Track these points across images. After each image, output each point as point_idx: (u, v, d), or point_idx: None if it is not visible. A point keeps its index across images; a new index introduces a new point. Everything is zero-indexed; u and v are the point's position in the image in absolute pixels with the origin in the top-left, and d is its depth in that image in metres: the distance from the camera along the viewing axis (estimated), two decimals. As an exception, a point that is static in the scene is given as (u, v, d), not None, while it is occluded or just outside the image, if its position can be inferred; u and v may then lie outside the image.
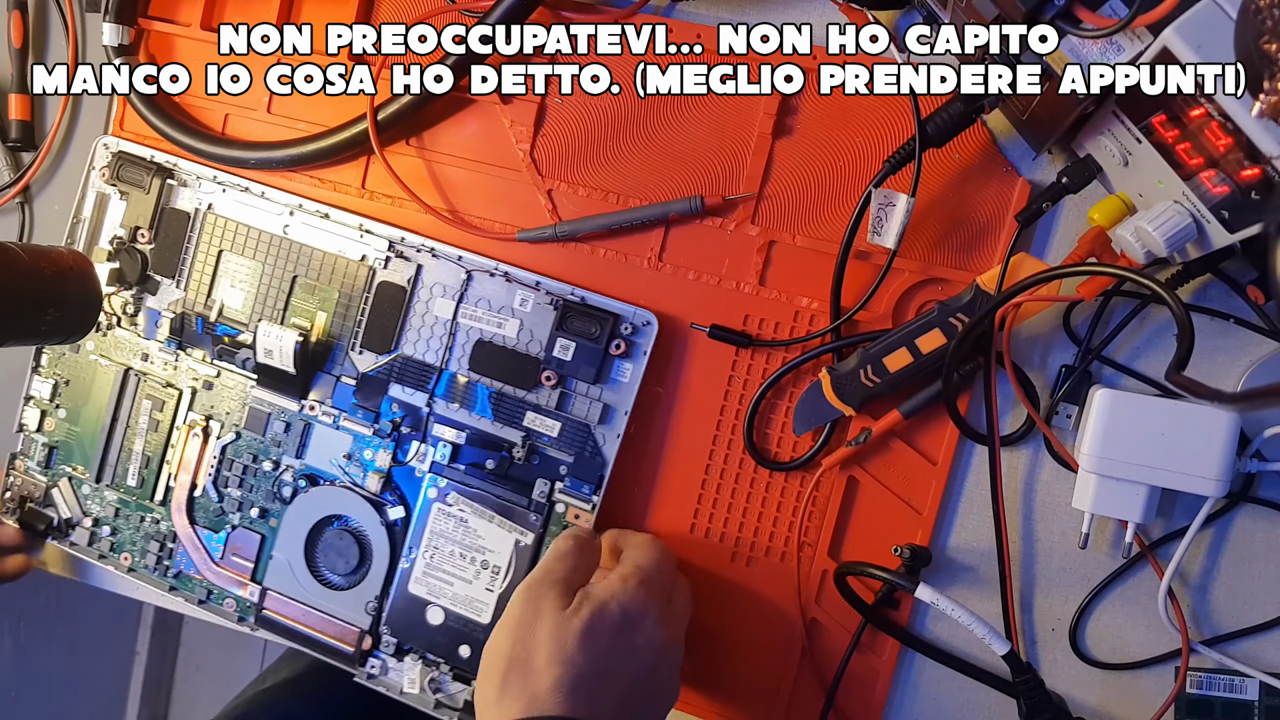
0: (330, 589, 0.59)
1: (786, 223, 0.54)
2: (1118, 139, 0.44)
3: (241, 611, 0.60)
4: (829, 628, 0.54)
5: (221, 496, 0.60)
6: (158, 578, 0.62)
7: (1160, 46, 0.38)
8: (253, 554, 0.60)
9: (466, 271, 0.56)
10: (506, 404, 0.56)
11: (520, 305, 0.55)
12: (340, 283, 0.58)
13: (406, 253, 0.57)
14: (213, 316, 0.60)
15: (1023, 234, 0.51)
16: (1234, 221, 0.41)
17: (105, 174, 0.60)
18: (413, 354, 0.57)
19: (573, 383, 0.55)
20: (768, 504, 0.55)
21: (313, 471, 0.59)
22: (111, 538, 0.62)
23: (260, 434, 0.59)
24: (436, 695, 0.57)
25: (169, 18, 0.61)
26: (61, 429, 0.63)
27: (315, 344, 0.58)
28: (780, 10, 0.54)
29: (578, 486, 0.55)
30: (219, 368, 0.60)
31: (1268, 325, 0.49)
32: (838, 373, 0.51)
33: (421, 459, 0.57)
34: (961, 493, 0.53)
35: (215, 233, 0.59)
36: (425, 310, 0.57)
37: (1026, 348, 0.52)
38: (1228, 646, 0.51)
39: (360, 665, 0.58)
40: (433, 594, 0.56)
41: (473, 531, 0.56)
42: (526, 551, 0.55)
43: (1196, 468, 0.46)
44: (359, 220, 0.57)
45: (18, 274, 0.55)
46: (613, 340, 0.54)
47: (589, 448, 0.55)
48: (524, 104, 0.56)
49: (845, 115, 0.53)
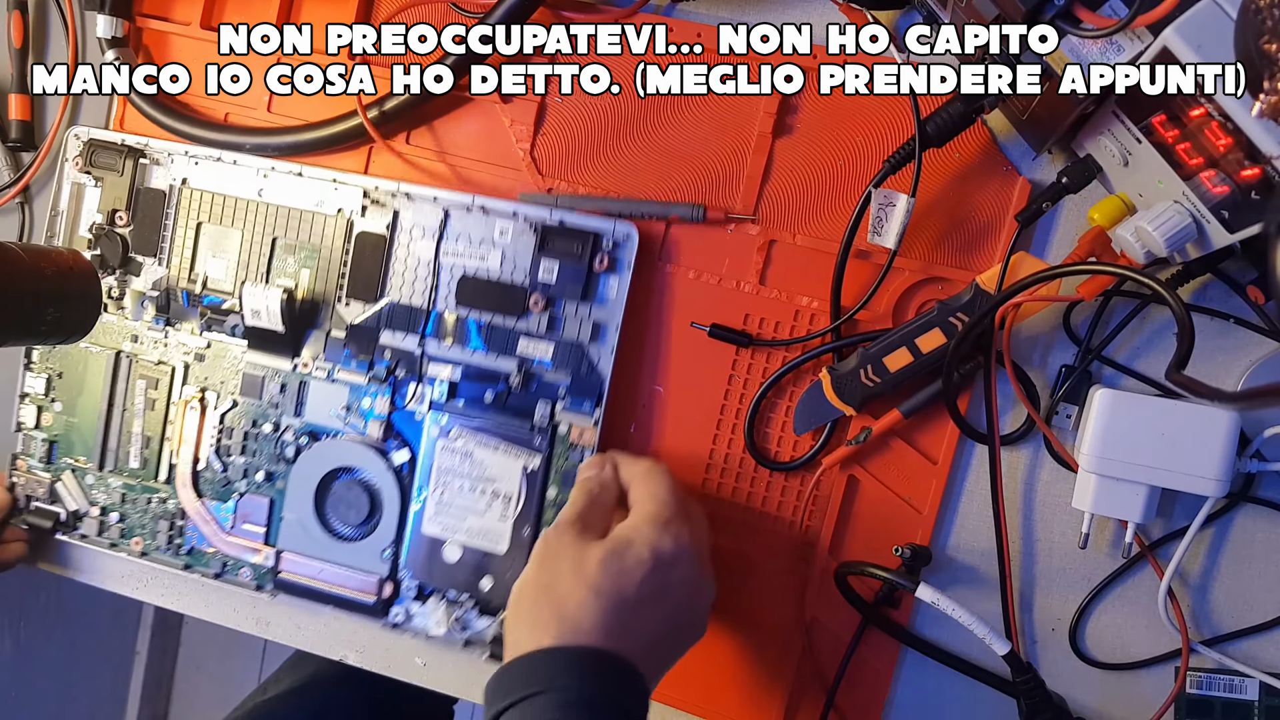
0: (345, 542, 0.59)
1: (787, 222, 0.54)
2: (1118, 139, 0.44)
3: (259, 579, 0.60)
4: (829, 627, 0.54)
5: (225, 466, 0.60)
6: (171, 557, 0.61)
7: (1160, 46, 0.38)
8: (263, 519, 0.60)
9: (443, 210, 0.56)
10: (498, 334, 0.56)
11: (500, 236, 0.55)
12: (320, 238, 0.58)
13: (381, 199, 0.57)
14: (198, 289, 0.60)
15: (1023, 234, 0.51)
16: (1234, 221, 0.41)
17: (79, 163, 0.61)
18: (399, 299, 0.57)
19: (561, 304, 0.55)
20: (768, 503, 0.55)
21: (313, 428, 0.59)
22: (120, 524, 0.62)
23: (257, 398, 0.60)
24: (464, 633, 0.57)
25: (167, 16, 0.61)
26: (59, 422, 0.63)
27: (302, 301, 0.58)
28: (780, 10, 0.54)
29: (578, 404, 0.55)
30: (209, 338, 0.60)
31: (1268, 325, 0.49)
32: (838, 372, 0.51)
33: (420, 400, 0.57)
34: (961, 492, 0.53)
35: (192, 206, 0.60)
36: (406, 254, 0.57)
37: (1026, 348, 0.52)
38: (1228, 646, 0.51)
39: (384, 614, 0.58)
40: (448, 531, 0.56)
41: (479, 464, 0.56)
42: (536, 476, 0.55)
43: (1196, 468, 0.46)
44: (332, 174, 0.57)
45: (18, 274, 0.55)
46: (595, 256, 0.54)
47: (584, 366, 0.55)
48: (524, 103, 0.56)
49: (845, 115, 0.53)
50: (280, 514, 0.60)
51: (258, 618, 0.62)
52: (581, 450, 0.55)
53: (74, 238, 0.62)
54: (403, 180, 0.57)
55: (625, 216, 0.55)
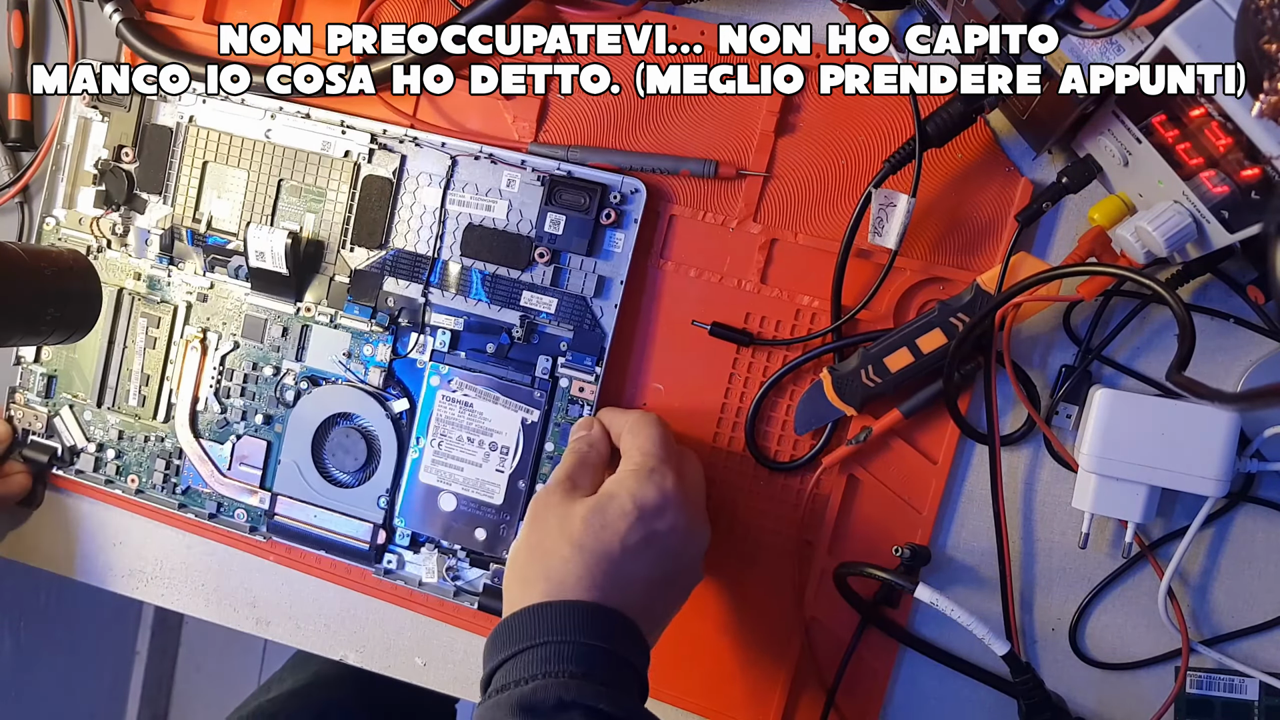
0: (340, 488, 0.59)
1: (788, 221, 0.54)
2: (1118, 139, 0.44)
3: (253, 520, 0.60)
4: (829, 627, 0.54)
5: (225, 407, 0.60)
6: (166, 496, 0.62)
7: (1160, 46, 0.38)
8: (260, 461, 0.60)
9: (451, 157, 0.56)
10: (502, 286, 0.56)
11: (507, 186, 0.55)
12: (326, 181, 0.58)
13: (389, 144, 0.57)
14: (202, 229, 0.60)
15: (1024, 234, 0.51)
16: (1234, 221, 0.41)
17: (85, 97, 0.60)
18: (404, 246, 0.57)
19: (566, 257, 0.55)
20: (768, 502, 0.55)
21: (314, 373, 0.59)
22: (117, 460, 0.62)
23: (259, 340, 0.60)
24: (455, 583, 0.57)
25: (168, 9, 0.61)
26: (59, 357, 0.63)
27: (306, 244, 0.58)
28: (780, 10, 0.54)
29: (580, 360, 0.55)
30: (212, 279, 0.60)
31: (1268, 325, 0.49)
32: (839, 373, 0.51)
33: (421, 350, 0.57)
34: (961, 493, 0.53)
35: (198, 145, 0.60)
36: (413, 201, 0.57)
37: (1026, 348, 0.52)
38: (1228, 646, 0.51)
39: (376, 561, 0.58)
40: (444, 481, 0.57)
41: (478, 415, 0.56)
42: (534, 429, 0.55)
43: (1196, 468, 0.46)
44: (340, 117, 0.57)
45: (18, 274, 0.55)
46: (603, 210, 0.54)
47: (587, 320, 0.55)
48: (526, 101, 0.56)
49: (846, 114, 0.53)
50: (277, 458, 0.60)
51: (258, 618, 0.62)
52: (581, 405, 0.55)
53: (79, 173, 0.62)
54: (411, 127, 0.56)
55: (637, 171, 0.54)
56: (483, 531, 0.56)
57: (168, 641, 1.54)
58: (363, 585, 0.60)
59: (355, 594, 0.60)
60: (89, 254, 0.61)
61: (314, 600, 0.61)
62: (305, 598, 0.62)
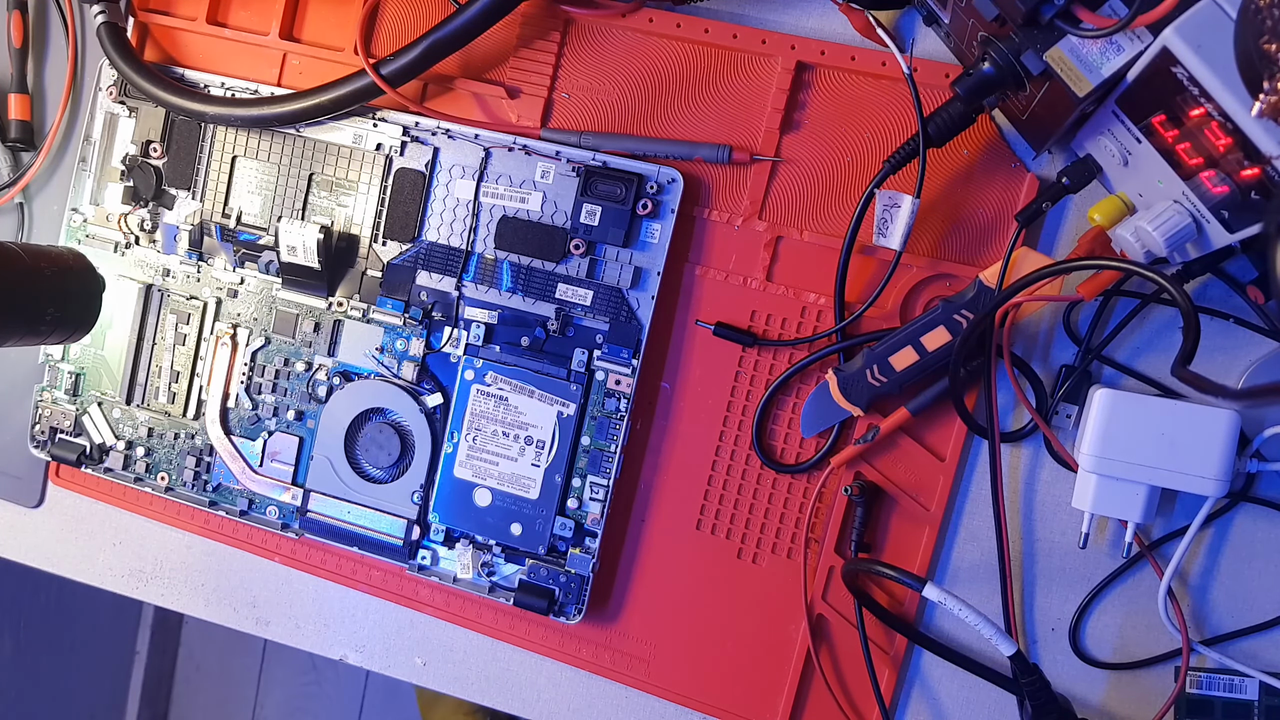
0: (374, 483, 0.59)
1: (794, 218, 0.54)
2: (1118, 139, 0.44)
3: (285, 517, 0.60)
4: (835, 624, 0.54)
5: (256, 404, 0.60)
6: (196, 494, 0.61)
7: (1160, 46, 0.38)
8: (292, 458, 0.60)
9: (484, 149, 0.55)
10: (537, 278, 0.55)
11: (542, 178, 0.55)
12: (358, 175, 0.57)
13: (422, 136, 0.56)
14: (232, 224, 0.59)
15: (1028, 234, 0.51)
16: (1234, 221, 0.41)
17: (113, 92, 0.60)
18: (437, 239, 0.57)
19: (602, 249, 0.54)
20: (774, 500, 0.55)
21: (346, 368, 0.59)
22: (147, 459, 0.62)
23: (290, 336, 0.59)
24: (490, 579, 0.57)
25: (171, 11, 0.61)
26: (87, 355, 0.62)
27: (338, 238, 0.58)
28: (780, 10, 0.54)
29: (616, 352, 0.55)
30: (242, 275, 0.60)
31: (1268, 325, 0.49)
32: (844, 373, 0.51)
33: (455, 344, 0.57)
34: (968, 491, 0.53)
35: (227, 139, 0.59)
36: (446, 193, 0.56)
37: (1027, 346, 0.52)
38: (1228, 646, 0.51)
39: (411, 557, 0.58)
40: (479, 476, 0.56)
41: (513, 409, 0.56)
42: (570, 423, 0.55)
43: (1196, 468, 0.46)
44: (371, 110, 0.57)
45: (18, 274, 0.55)
46: (639, 201, 0.53)
47: (624, 313, 0.54)
48: (530, 100, 0.56)
49: (851, 112, 0.53)
50: (309, 454, 0.59)
51: (258, 618, 0.62)
52: (618, 398, 0.55)
53: (106, 169, 0.61)
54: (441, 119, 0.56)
55: (650, 157, 0.54)
56: (519, 526, 0.56)
57: (167, 641, 1.54)
58: (364, 585, 0.60)
59: (355, 593, 0.60)
60: (116, 250, 0.61)
61: (314, 600, 0.61)
62: (305, 597, 0.62)
